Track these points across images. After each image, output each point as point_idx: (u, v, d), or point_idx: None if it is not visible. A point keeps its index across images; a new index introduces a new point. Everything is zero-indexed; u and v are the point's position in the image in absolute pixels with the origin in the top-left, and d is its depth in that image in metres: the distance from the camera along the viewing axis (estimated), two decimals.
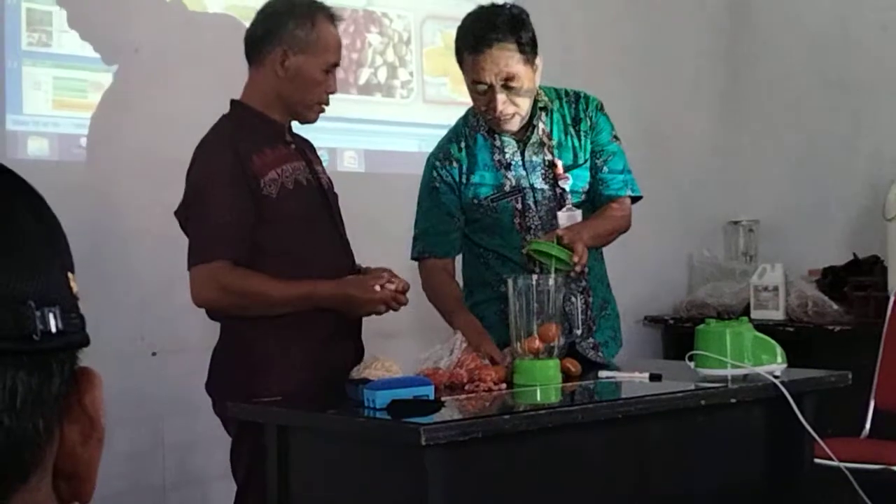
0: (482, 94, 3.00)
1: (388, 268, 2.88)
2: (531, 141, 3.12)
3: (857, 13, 5.01)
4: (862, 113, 4.98)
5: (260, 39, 2.87)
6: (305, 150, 2.96)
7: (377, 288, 2.77)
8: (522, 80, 2.98)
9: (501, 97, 2.98)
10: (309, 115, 2.90)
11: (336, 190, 3.02)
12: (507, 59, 2.94)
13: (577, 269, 2.89)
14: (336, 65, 2.89)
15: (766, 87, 5.34)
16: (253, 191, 2.75)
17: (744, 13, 5.43)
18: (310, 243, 2.83)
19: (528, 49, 2.98)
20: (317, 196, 2.89)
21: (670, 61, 5.23)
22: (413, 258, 3.15)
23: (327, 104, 2.91)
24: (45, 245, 0.68)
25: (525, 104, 3.04)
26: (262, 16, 2.91)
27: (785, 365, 2.84)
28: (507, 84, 2.97)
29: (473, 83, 3.00)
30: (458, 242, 3.14)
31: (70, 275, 0.69)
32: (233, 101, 2.92)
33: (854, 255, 4.82)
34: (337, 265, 2.87)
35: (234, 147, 2.78)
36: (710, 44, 5.41)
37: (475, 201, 3.10)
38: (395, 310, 2.82)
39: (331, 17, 2.88)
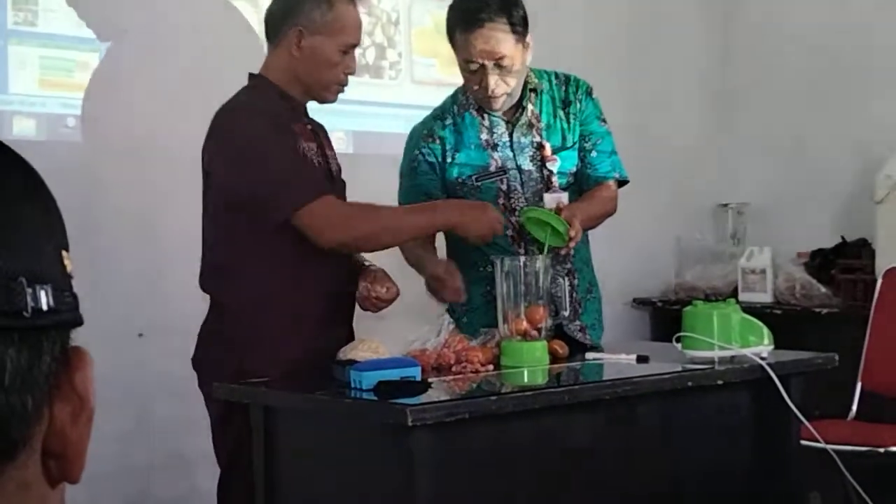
0: (473, 72, 2.99)
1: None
2: (520, 122, 3.11)
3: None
4: (851, 96, 4.99)
5: (278, 19, 2.85)
6: (319, 133, 2.94)
7: (495, 216, 2.84)
8: (514, 59, 2.98)
9: (493, 76, 2.98)
10: (326, 95, 2.88)
11: None
12: (498, 38, 2.94)
13: (571, 245, 2.89)
14: (354, 45, 2.86)
15: (755, 71, 5.33)
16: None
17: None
18: None
19: (520, 28, 2.97)
20: (326, 179, 2.87)
21: (661, 46, 5.22)
22: None
23: (346, 84, 2.89)
24: (39, 222, 0.67)
25: (515, 83, 3.04)
26: None
27: (772, 347, 2.84)
28: (499, 63, 2.97)
29: (465, 62, 2.99)
30: None
31: (64, 253, 0.69)
32: (252, 75, 2.90)
33: (842, 237, 4.84)
34: (338, 257, 2.86)
35: (272, 112, 2.77)
36: (701, 29, 5.41)
37: (459, 180, 3.08)
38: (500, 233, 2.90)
39: None
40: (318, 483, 2.54)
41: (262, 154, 2.72)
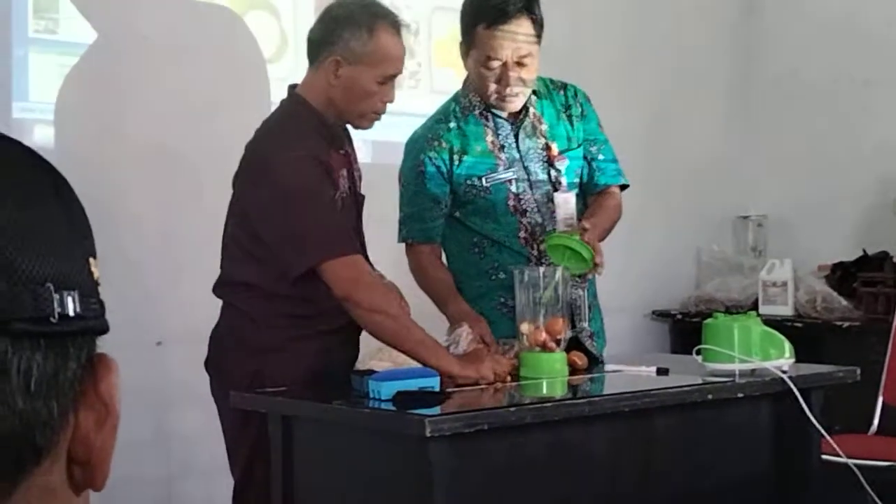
0: (492, 70, 2.96)
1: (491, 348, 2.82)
2: (524, 124, 3.09)
3: (865, 7, 4.98)
4: (871, 108, 4.96)
5: (318, 43, 2.79)
6: (349, 150, 2.91)
7: (487, 373, 2.67)
8: (533, 58, 2.96)
9: (514, 75, 2.95)
10: (361, 122, 2.84)
11: None
12: (523, 35, 2.92)
13: (600, 272, 2.87)
14: (394, 76, 2.79)
15: (775, 82, 5.31)
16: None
17: (753, 8, 5.41)
18: None
19: (540, 28, 2.96)
20: (352, 204, 2.87)
21: (679, 56, 5.21)
22: (400, 241, 3.11)
23: (382, 113, 2.84)
24: (68, 229, 0.67)
25: (532, 84, 3.02)
26: (322, 18, 2.84)
27: (793, 360, 2.82)
28: (521, 62, 2.95)
29: (486, 58, 2.95)
30: (441, 228, 3.08)
31: (92, 260, 0.69)
32: (292, 93, 2.85)
33: (863, 250, 4.80)
34: None
35: (313, 153, 2.72)
36: (720, 38, 5.39)
37: (468, 182, 3.04)
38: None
39: (394, 24, 2.78)
40: (336, 493, 2.52)
41: (302, 203, 2.66)
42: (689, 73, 5.25)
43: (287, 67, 4.06)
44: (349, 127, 2.92)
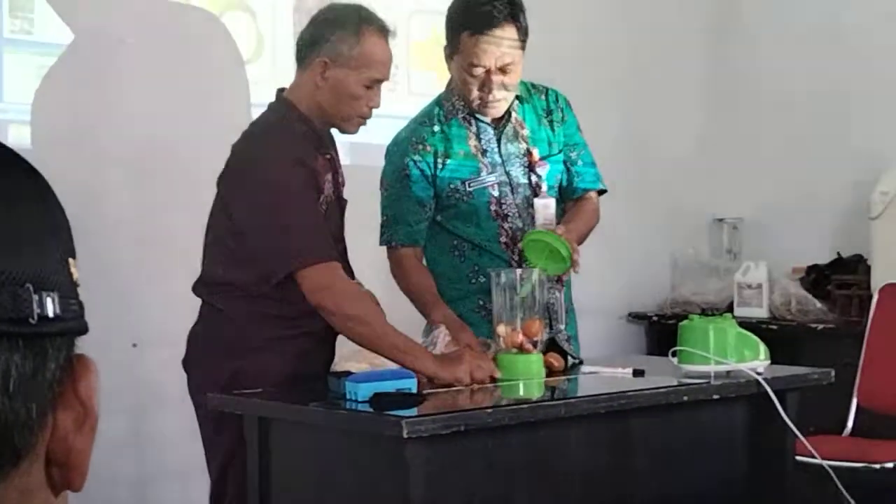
0: (476, 76, 2.97)
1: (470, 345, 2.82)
2: (506, 129, 3.10)
3: (843, 12, 5.01)
4: (847, 111, 4.99)
5: (306, 45, 2.82)
6: (334, 155, 2.91)
7: (463, 376, 2.65)
8: (517, 65, 2.97)
9: (497, 80, 2.96)
10: (347, 126, 2.86)
11: None
12: (507, 43, 2.93)
13: (577, 270, 2.87)
14: (380, 81, 2.82)
15: (751, 85, 5.34)
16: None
17: (730, 11, 5.43)
18: None
19: (524, 36, 2.97)
20: (336, 209, 2.88)
21: (655, 59, 5.22)
22: (382, 244, 3.11)
23: (368, 117, 2.86)
24: (47, 229, 0.67)
25: (514, 90, 3.04)
26: (312, 22, 2.87)
27: (768, 362, 2.83)
28: (504, 69, 2.95)
29: (469, 65, 2.96)
30: (425, 232, 3.09)
31: (71, 261, 0.69)
32: (280, 96, 2.87)
33: (838, 253, 4.83)
34: None
35: (298, 155, 2.73)
36: (696, 41, 5.41)
37: (451, 186, 3.05)
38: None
39: (381, 30, 2.81)
40: (313, 495, 2.52)
41: (283, 206, 2.68)
42: (664, 76, 5.26)
43: (264, 69, 4.06)
44: (334, 132, 2.92)
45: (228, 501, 2.76)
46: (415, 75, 4.49)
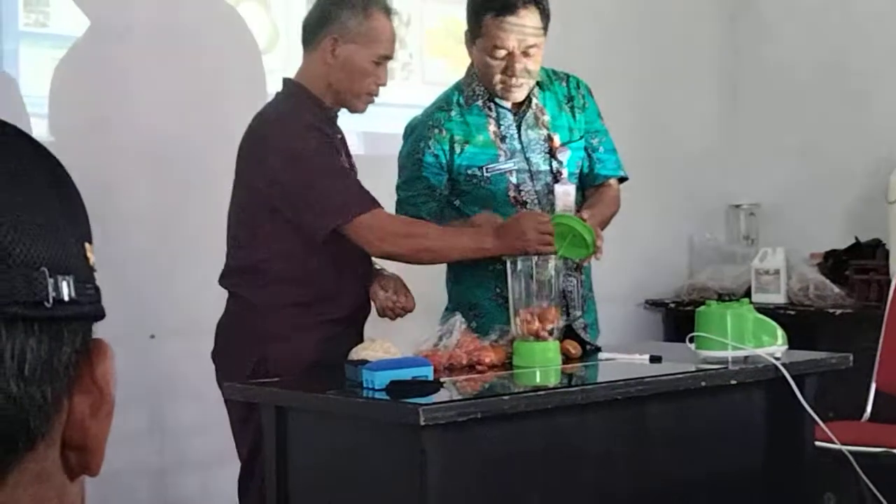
0: (498, 59, 2.97)
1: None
2: (527, 115, 3.10)
3: None
4: (864, 95, 4.96)
5: (314, 25, 2.89)
6: (343, 139, 2.96)
7: (533, 235, 2.80)
8: (539, 49, 2.98)
9: (520, 65, 2.97)
10: (357, 104, 2.91)
11: None
12: (530, 26, 2.94)
13: (599, 255, 2.87)
14: (387, 57, 2.89)
15: (768, 70, 5.31)
16: None
17: None
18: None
19: (546, 20, 2.98)
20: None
21: (672, 44, 5.21)
22: None
23: (376, 95, 2.92)
24: (63, 213, 0.67)
25: (536, 74, 3.04)
26: (318, 4, 2.94)
27: (786, 347, 2.82)
28: (527, 52, 2.96)
29: (493, 47, 2.96)
30: (433, 213, 3.07)
31: (87, 245, 0.69)
32: (288, 81, 2.93)
33: (856, 238, 4.81)
34: (362, 262, 2.90)
35: (317, 125, 2.81)
36: (712, 27, 5.39)
37: (469, 172, 3.05)
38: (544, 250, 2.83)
39: (385, 9, 2.89)
40: (331, 483, 2.53)
41: (315, 167, 2.76)
42: (680, 62, 5.25)
43: (279, 59, 4.06)
44: (342, 122, 2.96)
45: (256, 486, 2.78)
46: (429, 63, 4.48)
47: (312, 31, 2.88)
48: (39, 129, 3.59)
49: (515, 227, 2.81)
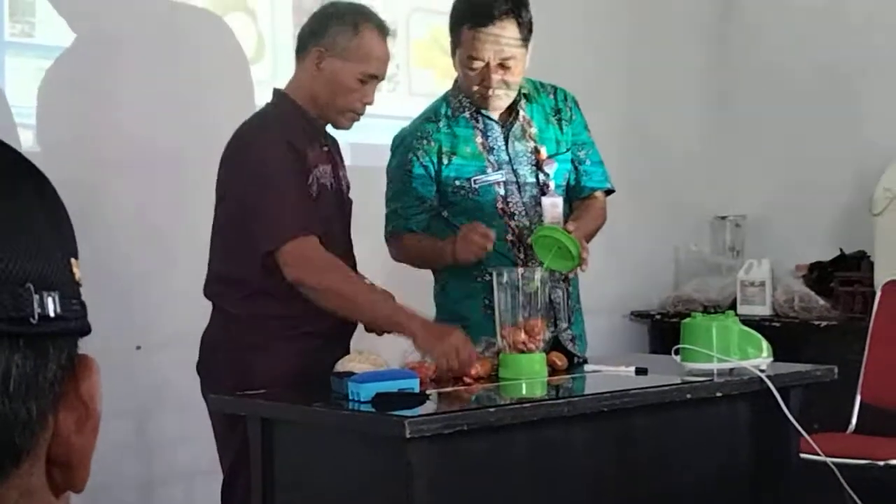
0: (475, 70, 2.98)
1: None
2: (514, 126, 3.11)
3: (846, 1, 5.01)
4: (849, 109, 4.98)
5: (306, 36, 2.89)
6: (333, 151, 2.95)
7: (450, 355, 2.69)
8: (518, 61, 2.98)
9: (496, 76, 2.97)
10: (340, 120, 2.89)
11: None
12: (507, 38, 2.94)
13: (585, 267, 2.88)
14: (375, 77, 2.86)
15: (753, 82, 5.33)
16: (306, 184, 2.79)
17: (732, 2, 5.43)
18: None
19: (527, 31, 2.98)
20: (335, 201, 2.89)
21: (657, 55, 5.22)
22: (386, 236, 3.13)
23: (361, 113, 2.89)
24: (49, 228, 0.67)
25: (515, 86, 3.04)
26: (313, 16, 2.95)
27: (771, 359, 2.83)
28: (504, 64, 2.96)
29: (469, 58, 2.98)
30: (424, 223, 3.08)
31: (73, 260, 0.68)
32: (276, 91, 2.93)
33: (841, 250, 4.83)
34: None
35: (288, 138, 2.78)
36: (697, 34, 5.40)
37: (456, 183, 3.06)
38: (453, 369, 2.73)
39: (379, 28, 2.87)
40: (316, 495, 2.52)
41: (275, 184, 2.73)
42: (666, 71, 5.26)
43: (266, 70, 4.06)
44: (334, 137, 2.97)
45: (238, 498, 2.77)
46: (415, 74, 4.48)
47: (304, 41, 2.89)
48: (26, 140, 3.58)
49: (446, 335, 2.71)
